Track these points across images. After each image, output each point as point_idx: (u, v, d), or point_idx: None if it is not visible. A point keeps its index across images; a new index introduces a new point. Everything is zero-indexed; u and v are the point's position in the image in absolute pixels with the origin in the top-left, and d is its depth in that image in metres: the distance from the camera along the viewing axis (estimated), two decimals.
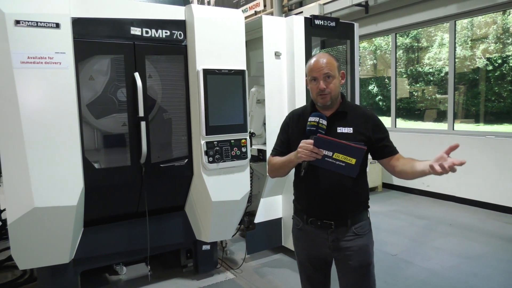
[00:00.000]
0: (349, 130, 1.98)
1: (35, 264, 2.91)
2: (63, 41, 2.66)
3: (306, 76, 2.06)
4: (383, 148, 2.02)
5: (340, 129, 1.99)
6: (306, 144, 1.86)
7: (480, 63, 6.80)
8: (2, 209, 5.26)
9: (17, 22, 2.48)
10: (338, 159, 1.84)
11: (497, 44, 6.40)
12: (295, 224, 2.21)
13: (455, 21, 6.29)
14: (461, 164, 1.64)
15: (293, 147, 2.03)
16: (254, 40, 4.26)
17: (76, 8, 2.76)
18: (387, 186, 7.30)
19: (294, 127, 2.13)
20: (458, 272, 3.77)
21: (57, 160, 2.68)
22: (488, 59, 6.53)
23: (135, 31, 3.03)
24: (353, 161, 1.82)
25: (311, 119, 1.94)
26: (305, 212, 2.11)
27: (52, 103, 2.64)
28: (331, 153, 1.84)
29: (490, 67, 6.54)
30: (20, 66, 2.52)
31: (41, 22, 2.56)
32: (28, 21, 2.52)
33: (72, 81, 2.72)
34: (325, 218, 2.04)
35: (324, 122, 1.93)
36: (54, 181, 2.68)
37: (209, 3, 11.87)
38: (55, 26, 2.61)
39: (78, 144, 2.78)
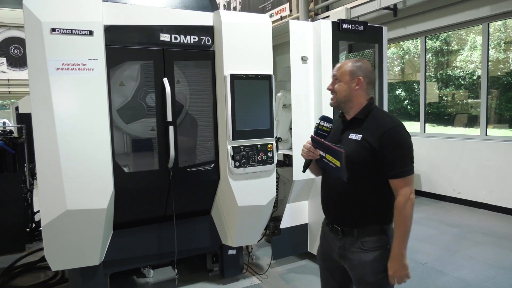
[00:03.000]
0: (358, 137, 1.94)
1: (67, 265, 2.98)
2: (96, 48, 2.73)
3: None
4: (386, 166, 1.88)
5: (351, 136, 1.97)
6: (306, 143, 2.01)
7: None
8: (35, 211, 5.46)
9: (53, 30, 2.58)
10: (329, 161, 1.90)
11: None
12: (322, 224, 2.25)
13: (488, 23, 6.10)
14: None
15: None
16: (280, 44, 4.25)
17: (109, 16, 2.84)
18: (416, 193, 7.10)
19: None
20: (494, 283, 3.62)
21: (89, 164, 2.75)
22: None
23: (165, 37, 3.08)
24: (337, 163, 1.84)
25: (316, 120, 2.07)
26: (323, 213, 2.16)
27: (85, 108, 2.72)
28: (324, 154, 1.93)
29: None
30: (55, 73, 2.60)
31: (75, 30, 2.64)
32: (63, 29, 2.60)
33: (104, 87, 2.79)
34: (334, 223, 2.05)
35: (326, 124, 2.04)
36: (86, 184, 2.75)
37: (235, 9, 11.99)
38: (88, 33, 2.69)
39: (108, 148, 2.84)
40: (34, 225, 5.34)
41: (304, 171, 2.12)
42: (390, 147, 1.86)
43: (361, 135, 1.93)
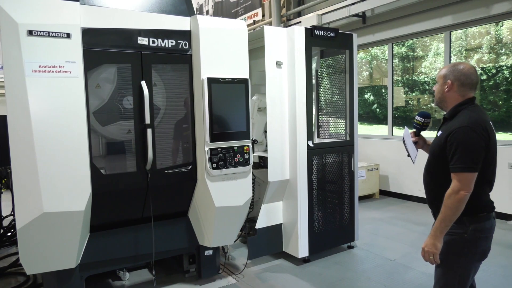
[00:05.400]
0: (439, 134, 2.24)
1: (43, 268, 2.95)
2: (73, 51, 2.74)
3: None
4: (449, 162, 2.11)
5: (439, 132, 2.26)
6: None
7: None
8: (3, 216, 5.29)
9: (30, 32, 2.56)
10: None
11: (490, 54, 6.55)
12: None
13: (450, 32, 6.45)
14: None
15: None
16: (256, 49, 4.35)
17: (86, 19, 2.85)
18: (384, 193, 7.38)
19: None
20: None
21: (66, 166, 2.74)
22: (483, 68, 6.67)
23: (142, 40, 3.12)
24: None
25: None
26: None
27: (62, 110, 2.71)
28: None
29: (485, 77, 6.68)
30: (32, 75, 2.59)
31: (52, 32, 2.64)
32: (41, 31, 2.60)
33: (81, 89, 2.79)
34: (428, 204, 2.37)
35: (419, 118, 2.50)
36: (63, 186, 2.74)
37: (207, 12, 12.03)
38: (66, 36, 2.69)
39: (86, 150, 2.84)
40: (2, 230, 5.18)
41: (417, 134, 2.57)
42: (452, 144, 2.09)
43: (443, 133, 2.18)
